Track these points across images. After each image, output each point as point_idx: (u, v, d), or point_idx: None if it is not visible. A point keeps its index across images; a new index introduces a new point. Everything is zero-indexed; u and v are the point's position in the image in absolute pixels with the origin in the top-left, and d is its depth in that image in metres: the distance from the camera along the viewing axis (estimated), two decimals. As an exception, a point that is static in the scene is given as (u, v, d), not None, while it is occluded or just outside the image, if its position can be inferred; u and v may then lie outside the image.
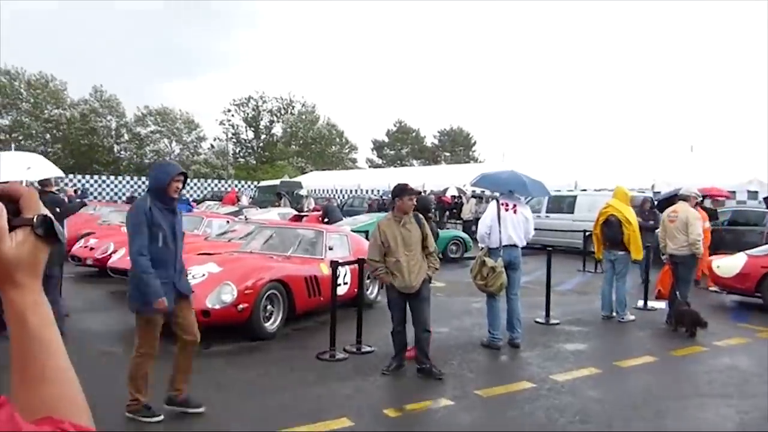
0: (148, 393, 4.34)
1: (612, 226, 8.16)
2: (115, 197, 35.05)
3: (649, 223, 10.21)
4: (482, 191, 19.76)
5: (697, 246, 7.63)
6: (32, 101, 45.33)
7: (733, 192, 17.07)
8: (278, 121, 57.80)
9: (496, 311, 6.72)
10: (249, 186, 39.48)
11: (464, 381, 5.46)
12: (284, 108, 57.86)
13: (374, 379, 5.47)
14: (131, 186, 37.02)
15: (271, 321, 6.83)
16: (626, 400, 5.10)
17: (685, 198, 8.06)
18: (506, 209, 6.87)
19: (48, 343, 0.80)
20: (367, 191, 28.99)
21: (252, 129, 57.70)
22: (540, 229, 17.86)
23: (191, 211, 16.07)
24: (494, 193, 7.84)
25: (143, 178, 38.92)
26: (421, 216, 5.94)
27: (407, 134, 67.14)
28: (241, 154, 57.95)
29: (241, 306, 6.37)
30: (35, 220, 0.78)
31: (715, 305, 9.46)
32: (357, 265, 7.93)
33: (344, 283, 7.83)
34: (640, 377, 5.84)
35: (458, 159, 59.48)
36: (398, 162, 63.52)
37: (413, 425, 4.44)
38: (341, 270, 7.71)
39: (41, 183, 8.26)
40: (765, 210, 14.07)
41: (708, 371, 5.99)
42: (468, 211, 20.48)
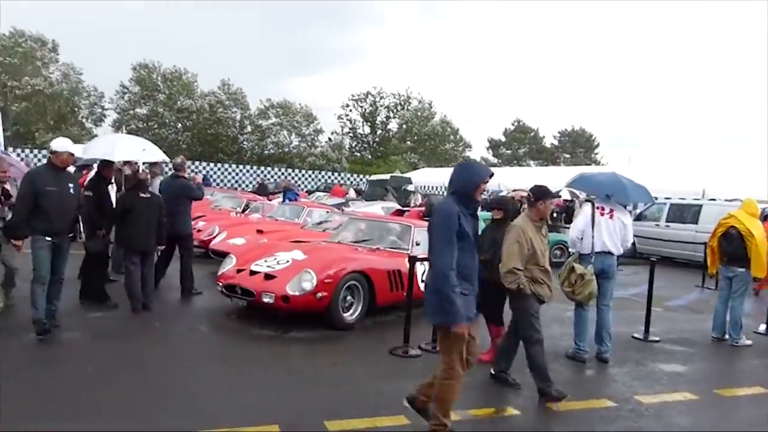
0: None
1: (732, 240, 7.38)
2: (236, 185, 36.93)
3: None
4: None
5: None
6: (167, 92, 48.91)
7: None
8: (394, 117, 58.38)
9: (584, 322, 6.30)
10: (359, 180, 40.14)
11: (536, 390, 5.13)
12: (401, 104, 58.33)
13: (443, 381, 5.28)
14: (251, 175, 38.84)
15: (351, 312, 6.83)
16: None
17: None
18: (602, 214, 6.40)
19: None
20: (477, 190, 28.40)
21: (368, 124, 58.69)
22: (658, 239, 16.88)
23: (296, 200, 16.54)
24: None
25: (263, 168, 40.84)
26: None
27: (525, 134, 65.50)
28: (357, 148, 59.13)
29: (320, 294, 6.41)
30: None
31: None
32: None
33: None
34: (744, 410, 5.23)
35: (578, 161, 57.21)
36: (515, 162, 62.11)
37: (470, 430, 4.21)
38: (423, 266, 7.58)
39: (176, 168, 8.84)
40: None
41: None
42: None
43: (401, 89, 64.10)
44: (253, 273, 6.84)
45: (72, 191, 5.87)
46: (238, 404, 4.36)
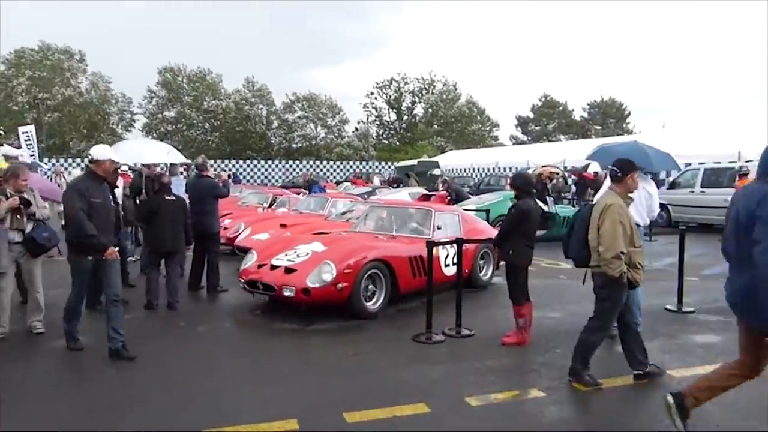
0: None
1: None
2: (266, 180, 37.24)
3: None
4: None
5: None
6: (193, 94, 49.52)
7: None
8: (419, 102, 58.03)
9: (611, 296, 6.11)
10: (386, 167, 40.03)
11: (564, 372, 4.98)
12: (425, 88, 57.91)
13: (467, 364, 5.21)
14: (281, 169, 39.10)
15: (373, 301, 6.78)
16: (752, 407, 4.38)
17: None
18: (626, 184, 6.18)
19: None
20: (505, 169, 28.10)
21: (394, 110, 58.47)
22: (694, 206, 16.38)
23: (323, 192, 16.54)
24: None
25: (290, 162, 41.08)
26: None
27: (553, 108, 64.45)
28: (384, 136, 59.00)
29: (341, 285, 6.37)
30: None
31: None
32: (467, 246, 7.71)
33: (453, 264, 7.55)
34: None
35: (610, 132, 56.03)
36: (544, 138, 61.17)
37: (492, 415, 4.12)
38: (446, 251, 7.50)
39: (198, 168, 8.94)
40: None
41: None
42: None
43: (425, 73, 63.49)
44: (274, 267, 6.84)
45: (112, 202, 5.67)
46: (257, 400, 4.35)
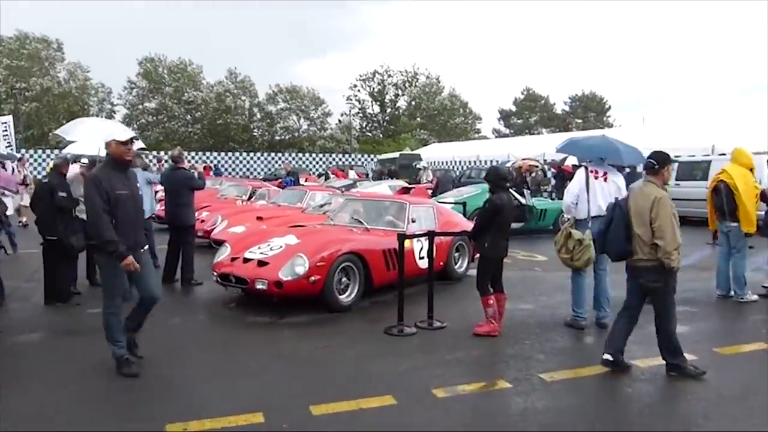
0: None
1: (720, 194, 7.24)
2: (248, 173, 37.02)
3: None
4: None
5: None
6: (174, 85, 49.01)
7: None
8: (402, 95, 57.99)
9: (581, 288, 6.21)
10: (369, 159, 40.00)
11: (531, 363, 5.07)
12: (409, 80, 57.86)
13: (436, 356, 5.25)
14: (263, 162, 38.89)
15: (347, 294, 6.79)
16: (713, 393, 4.47)
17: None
18: (596, 177, 6.26)
19: None
20: (486, 162, 28.20)
21: (378, 103, 58.37)
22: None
23: (296, 185, 16.52)
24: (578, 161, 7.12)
25: (273, 155, 40.88)
26: None
27: (535, 102, 64.82)
28: (368, 128, 58.91)
29: (313, 278, 6.37)
30: None
31: None
32: (442, 239, 7.75)
33: (426, 256, 7.58)
34: (742, 368, 5.13)
35: (590, 126, 56.51)
36: (526, 131, 61.51)
37: (457, 407, 4.16)
38: (420, 243, 7.52)
39: (174, 160, 8.79)
40: None
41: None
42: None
43: (408, 66, 63.45)
44: (247, 260, 6.81)
45: (141, 192, 4.88)
46: (225, 393, 4.34)
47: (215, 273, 6.99)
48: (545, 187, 20.59)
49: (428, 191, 17.47)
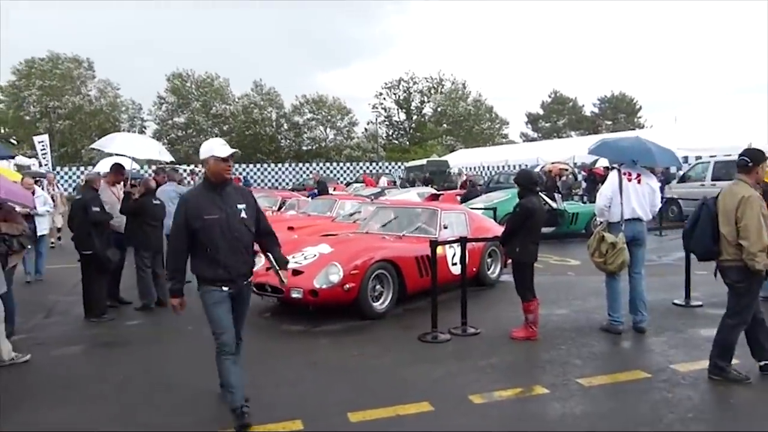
0: None
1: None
2: (276, 183, 37.39)
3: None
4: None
5: None
6: (202, 99, 49.84)
7: None
8: (428, 101, 58.02)
9: (617, 292, 6.12)
10: (396, 167, 40.02)
11: (568, 368, 5.02)
12: (434, 87, 57.87)
13: (471, 363, 5.23)
14: (291, 172, 39.24)
15: (381, 301, 6.81)
16: (757, 399, 4.38)
17: None
18: (629, 180, 6.18)
19: None
20: (515, 166, 28.02)
21: (403, 110, 58.47)
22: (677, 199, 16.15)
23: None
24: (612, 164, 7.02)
25: (300, 165, 41.25)
26: None
27: (563, 104, 64.24)
28: (394, 136, 59.02)
29: (348, 286, 6.40)
30: None
31: None
32: (475, 245, 7.73)
33: (459, 263, 7.56)
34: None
35: (621, 127, 55.67)
36: (554, 134, 60.95)
37: (494, 413, 4.15)
38: (452, 250, 7.51)
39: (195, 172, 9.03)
40: None
41: None
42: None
43: (434, 72, 63.46)
44: None
45: (245, 213, 4.05)
46: (262, 401, 4.38)
47: (251, 282, 7.04)
48: (576, 191, 20.38)
49: (457, 197, 17.41)
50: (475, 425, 3.97)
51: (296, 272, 6.71)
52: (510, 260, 8.70)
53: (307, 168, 39.63)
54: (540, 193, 6.52)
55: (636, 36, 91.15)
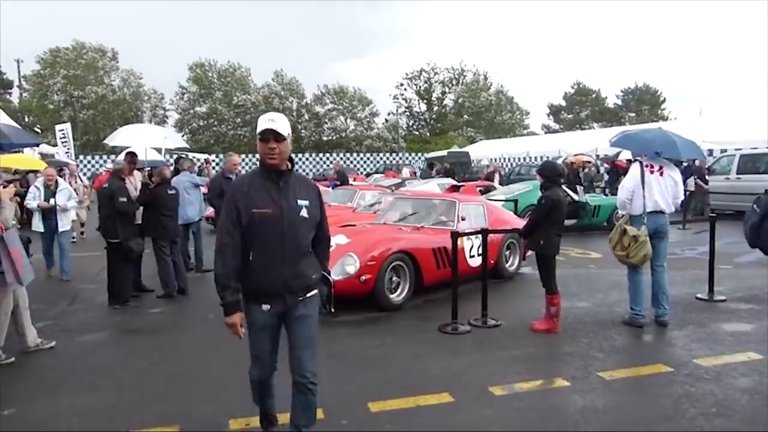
0: None
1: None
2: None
3: None
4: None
5: None
6: (223, 89, 50.08)
7: None
8: (449, 92, 57.73)
9: (639, 285, 6.06)
10: (416, 158, 39.94)
11: (589, 361, 4.99)
12: (455, 78, 57.54)
13: (492, 354, 5.23)
14: (311, 162, 39.35)
15: (397, 293, 6.80)
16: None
17: None
18: (651, 172, 6.09)
19: None
20: (536, 158, 27.79)
21: (424, 101, 58.24)
22: (730, 194, 15.95)
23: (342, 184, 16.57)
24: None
25: (320, 155, 41.34)
26: None
27: (586, 96, 63.51)
28: (415, 127, 58.86)
29: (364, 277, 6.40)
30: None
31: None
32: (493, 237, 7.68)
33: (476, 255, 7.54)
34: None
35: (644, 119, 54.93)
36: (577, 126, 60.30)
37: (515, 405, 4.13)
38: (470, 242, 7.47)
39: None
40: None
41: None
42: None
43: (455, 63, 63.04)
44: None
45: (306, 212, 3.18)
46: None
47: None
48: (598, 183, 20.16)
49: (477, 189, 17.30)
50: (496, 417, 3.96)
51: None
52: (528, 253, 8.71)
53: (328, 158, 39.71)
54: (562, 186, 6.45)
55: (660, 27, 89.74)
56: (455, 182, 18.01)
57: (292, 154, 3.31)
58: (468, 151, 32.58)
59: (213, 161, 26.94)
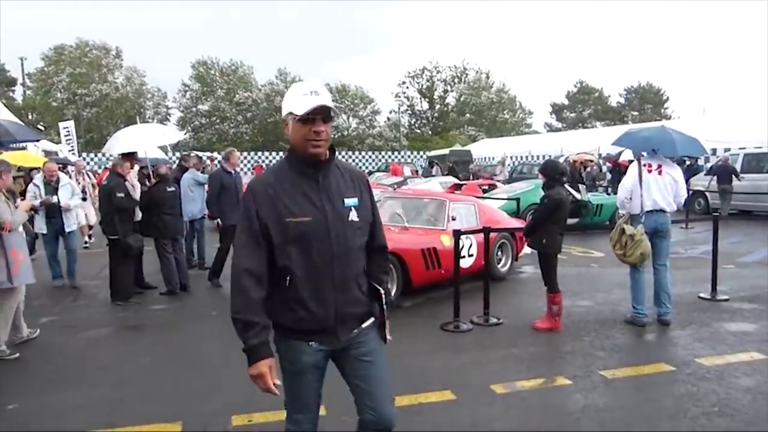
0: None
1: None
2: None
3: None
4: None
5: None
6: (225, 87, 50.12)
7: None
8: (451, 91, 57.69)
9: (640, 284, 6.06)
10: (418, 156, 39.90)
11: (591, 360, 5.00)
12: (458, 76, 57.48)
13: (494, 352, 5.23)
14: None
15: (384, 295, 6.65)
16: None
17: None
18: (649, 171, 6.09)
19: None
20: (538, 157, 27.76)
21: (426, 100, 58.20)
22: (734, 193, 15.90)
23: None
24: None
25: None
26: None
27: (589, 95, 63.41)
28: (417, 126, 58.82)
29: None
30: None
31: None
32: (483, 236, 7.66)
33: (469, 255, 7.51)
34: (816, 365, 4.90)
35: (647, 118, 54.81)
36: (579, 124, 60.22)
37: (517, 403, 4.14)
38: (465, 241, 7.39)
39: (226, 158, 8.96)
40: None
41: None
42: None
43: (458, 61, 62.96)
44: None
45: (356, 214, 2.37)
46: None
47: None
48: (601, 182, 20.15)
49: (480, 188, 17.31)
50: (498, 415, 3.97)
51: None
52: (521, 254, 8.67)
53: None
54: (565, 185, 6.45)
55: (664, 26, 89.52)
56: (458, 180, 18.08)
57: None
58: (470, 150, 32.58)
59: (217, 159, 26.80)
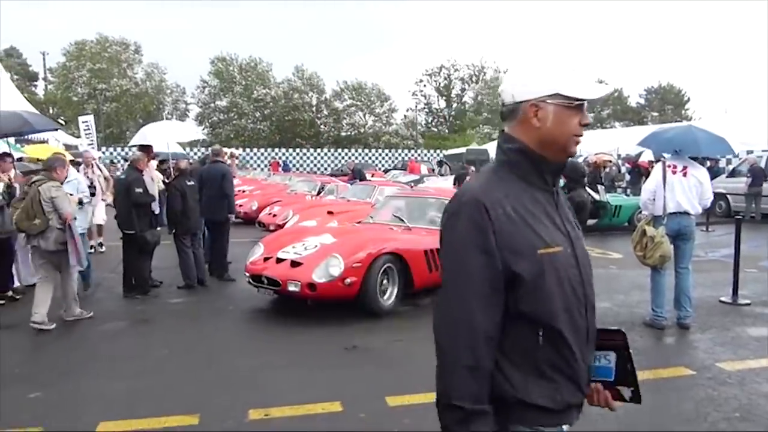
0: None
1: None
2: (315, 168, 37.59)
3: None
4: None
5: None
6: (244, 83, 50.35)
7: None
8: (469, 89, 57.51)
9: (660, 286, 5.99)
10: (434, 155, 39.80)
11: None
12: (475, 75, 57.26)
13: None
14: (330, 158, 39.40)
15: (386, 297, 6.38)
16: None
17: None
18: (674, 172, 6.00)
19: None
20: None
21: (444, 98, 58.04)
22: (761, 195, 15.57)
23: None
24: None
25: (339, 150, 41.38)
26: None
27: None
28: (433, 124, 58.69)
29: (349, 280, 5.99)
30: None
31: None
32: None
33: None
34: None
35: (668, 119, 54.19)
36: (598, 125, 59.72)
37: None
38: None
39: (214, 153, 8.99)
40: None
41: None
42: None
43: (476, 59, 62.79)
44: (280, 261, 6.43)
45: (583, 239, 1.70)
46: (302, 383, 4.45)
47: (247, 274, 6.64)
48: (620, 183, 19.94)
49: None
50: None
51: (295, 264, 6.30)
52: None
53: (346, 153, 39.71)
54: (585, 186, 6.36)
55: (685, 26, 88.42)
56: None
57: (312, 150, 2.82)
58: (487, 149, 32.40)
59: (239, 155, 26.66)
